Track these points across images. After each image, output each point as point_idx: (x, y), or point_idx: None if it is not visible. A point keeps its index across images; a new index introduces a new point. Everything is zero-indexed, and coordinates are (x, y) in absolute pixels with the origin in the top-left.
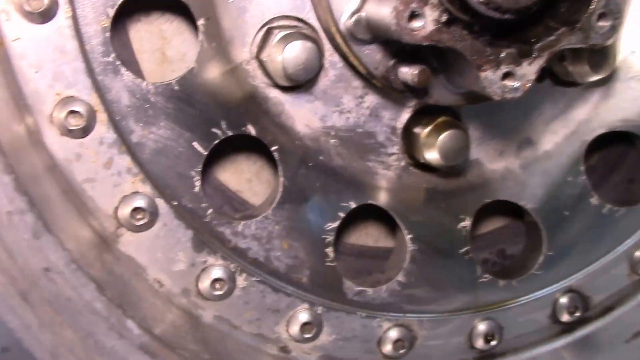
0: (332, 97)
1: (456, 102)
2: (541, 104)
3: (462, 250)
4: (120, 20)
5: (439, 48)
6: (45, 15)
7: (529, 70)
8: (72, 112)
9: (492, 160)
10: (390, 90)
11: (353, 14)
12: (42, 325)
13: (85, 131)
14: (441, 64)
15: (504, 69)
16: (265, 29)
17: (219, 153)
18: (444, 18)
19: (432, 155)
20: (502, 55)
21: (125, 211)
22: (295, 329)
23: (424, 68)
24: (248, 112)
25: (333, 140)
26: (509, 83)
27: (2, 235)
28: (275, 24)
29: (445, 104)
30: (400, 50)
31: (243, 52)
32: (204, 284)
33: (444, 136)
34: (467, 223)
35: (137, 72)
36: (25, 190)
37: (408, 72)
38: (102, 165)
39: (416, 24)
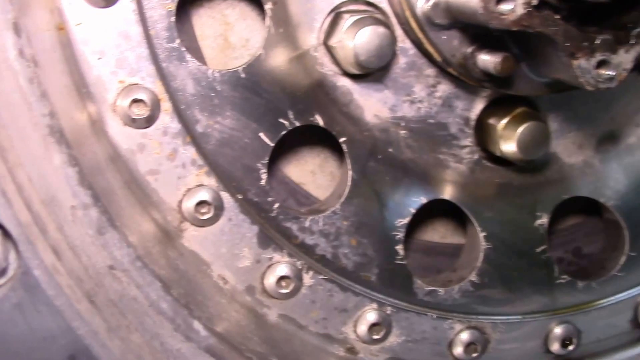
0: (402, 85)
1: (538, 92)
2: (625, 95)
3: (539, 250)
4: (183, 5)
5: (524, 34)
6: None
7: (626, 58)
8: (136, 100)
9: (570, 154)
10: (465, 79)
11: None
12: (111, 329)
13: (149, 121)
14: (523, 51)
15: (598, 56)
16: (334, 13)
17: (282, 144)
18: (535, 1)
19: (509, 148)
20: (597, 42)
21: (189, 205)
22: (363, 329)
23: (508, 55)
24: (316, 102)
25: (403, 132)
26: (603, 72)
27: (66, 231)
28: (344, 8)
29: (526, 94)
30: (480, 36)
31: (311, 38)
32: (270, 282)
33: (523, 128)
34: (544, 220)
35: (200, 59)
36: (89, 184)
37: (489, 60)
38: (166, 156)
39: (505, 7)
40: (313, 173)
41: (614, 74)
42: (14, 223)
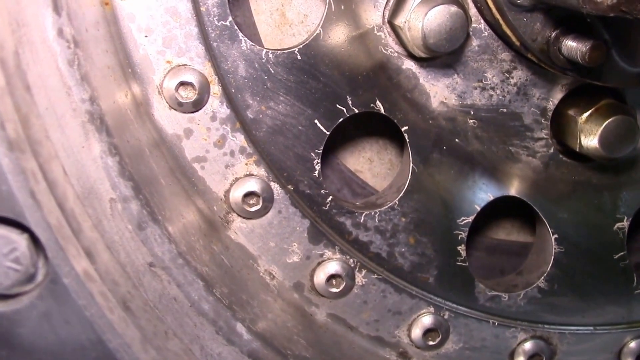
0: (474, 70)
1: (630, 84)
2: None
3: (617, 256)
4: None
5: (619, 19)
6: None
7: None
8: (183, 83)
9: None
10: (545, 66)
11: None
12: (146, 338)
13: (196, 105)
14: (616, 38)
15: None
16: None
17: (338, 130)
18: None
19: (591, 144)
20: None
21: (237, 195)
22: (417, 333)
23: (599, 43)
24: (377, 86)
25: (472, 121)
26: None
27: (104, 227)
28: None
29: (616, 85)
30: (567, 19)
31: (375, 16)
32: (320, 279)
33: (608, 122)
34: (624, 224)
35: (254, 35)
36: (130, 174)
37: (577, 47)
38: (214, 143)
39: None
40: (370, 160)
41: None
42: (43, 227)
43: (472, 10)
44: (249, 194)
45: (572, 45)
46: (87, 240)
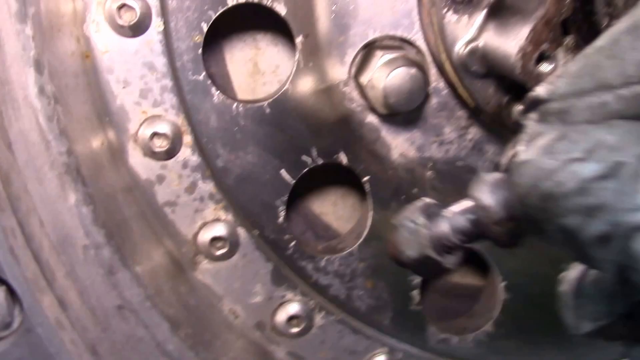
0: (432, 126)
1: None
2: None
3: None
4: (214, 29)
5: None
6: (137, 29)
7: None
8: (158, 133)
9: None
10: (498, 127)
11: (468, 43)
12: None
13: (169, 153)
14: None
15: None
16: (367, 48)
17: (304, 177)
18: None
19: None
20: None
21: (205, 238)
22: None
23: None
24: (341, 138)
25: (429, 173)
26: None
27: (77, 272)
28: (378, 43)
29: None
30: (517, 85)
31: (341, 72)
32: (281, 319)
33: None
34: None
35: (227, 84)
36: (103, 221)
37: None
38: (185, 189)
39: (545, 67)
40: (334, 204)
41: None
42: (20, 281)
43: (433, 70)
44: (216, 238)
45: (520, 110)
46: (61, 289)
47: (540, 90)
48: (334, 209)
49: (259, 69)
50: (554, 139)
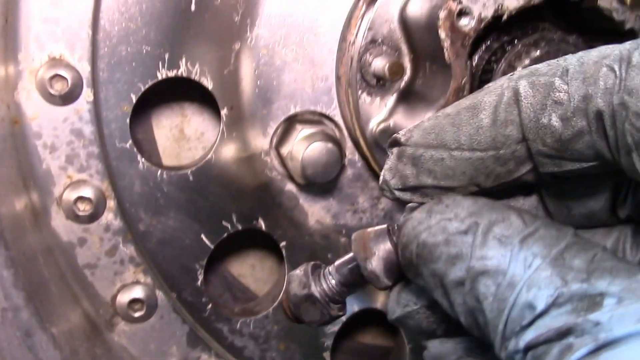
0: (347, 195)
1: None
2: None
3: None
4: (143, 97)
5: None
6: (67, 98)
7: None
8: (82, 197)
9: None
10: None
11: (380, 122)
12: None
13: (92, 217)
14: None
15: None
16: (288, 122)
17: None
18: None
19: None
20: None
21: (123, 300)
22: None
23: None
24: (260, 205)
25: (344, 239)
26: None
27: None
28: (299, 117)
29: None
30: None
31: (263, 142)
32: None
33: None
34: None
35: (153, 150)
36: (23, 284)
37: None
38: (106, 252)
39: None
40: (253, 267)
41: None
42: None
43: (349, 144)
44: (134, 300)
45: None
46: None
47: (401, 134)
48: (253, 272)
49: (185, 135)
50: (434, 203)
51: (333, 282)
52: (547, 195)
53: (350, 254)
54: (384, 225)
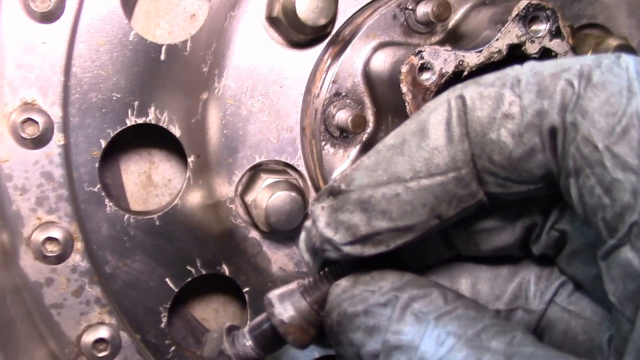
0: None
1: None
2: None
3: None
4: (112, 142)
5: None
6: (38, 142)
7: None
8: (50, 238)
9: None
10: None
11: (341, 173)
12: None
13: (60, 258)
14: None
15: None
16: (253, 171)
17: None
18: None
19: None
20: None
21: (88, 340)
22: None
23: None
24: (224, 251)
25: None
26: None
27: None
28: (264, 166)
29: None
30: None
31: (228, 190)
32: None
33: None
34: None
35: (121, 194)
36: None
37: None
38: (72, 292)
39: None
40: (216, 311)
41: None
42: None
43: (313, 193)
44: (98, 340)
45: None
46: None
47: (338, 182)
48: (216, 316)
49: (152, 181)
50: (360, 273)
51: (248, 344)
52: (455, 228)
53: (264, 315)
54: (294, 283)
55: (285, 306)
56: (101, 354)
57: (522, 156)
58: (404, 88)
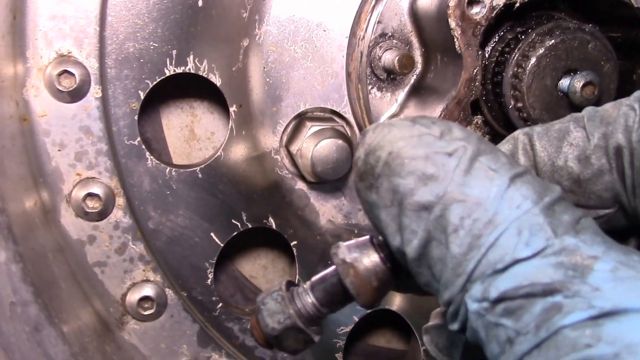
0: None
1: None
2: None
3: None
4: (152, 95)
5: None
6: (75, 95)
7: None
8: (91, 194)
9: None
10: None
11: (391, 117)
12: None
13: (101, 215)
14: None
15: None
16: (298, 119)
17: (234, 240)
18: None
19: None
20: None
21: (133, 299)
22: None
23: None
24: (270, 204)
25: None
26: None
27: (2, 328)
28: (309, 114)
29: None
30: None
31: (273, 141)
32: None
33: None
34: None
35: (163, 149)
36: (32, 280)
37: None
38: (115, 250)
39: None
40: (265, 267)
41: None
42: None
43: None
44: (144, 298)
45: None
46: None
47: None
48: (264, 273)
49: (195, 134)
50: (419, 116)
51: (309, 301)
52: None
53: (329, 269)
54: (366, 236)
55: (355, 259)
56: (147, 312)
57: (590, 178)
58: (453, 23)
